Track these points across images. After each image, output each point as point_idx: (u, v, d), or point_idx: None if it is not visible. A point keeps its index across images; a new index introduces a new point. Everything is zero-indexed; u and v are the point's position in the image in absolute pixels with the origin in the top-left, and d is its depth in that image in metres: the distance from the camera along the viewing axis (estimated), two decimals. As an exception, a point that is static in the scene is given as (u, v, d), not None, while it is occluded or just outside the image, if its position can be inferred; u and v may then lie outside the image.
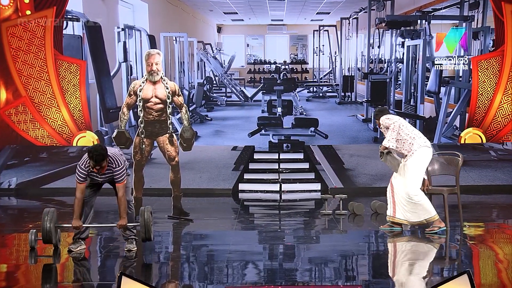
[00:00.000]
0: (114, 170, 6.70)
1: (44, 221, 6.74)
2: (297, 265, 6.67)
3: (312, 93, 19.73)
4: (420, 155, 7.58)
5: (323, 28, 20.08)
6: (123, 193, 6.76)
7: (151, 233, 6.89)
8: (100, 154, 6.49)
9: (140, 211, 6.88)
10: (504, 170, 11.52)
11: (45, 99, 11.25)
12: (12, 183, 11.27)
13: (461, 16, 13.19)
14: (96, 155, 6.47)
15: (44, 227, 6.74)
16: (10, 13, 11.04)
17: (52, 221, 6.76)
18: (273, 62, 21.15)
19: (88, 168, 6.69)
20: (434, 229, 7.68)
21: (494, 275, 6.25)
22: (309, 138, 13.30)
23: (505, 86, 11.47)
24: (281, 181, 11.35)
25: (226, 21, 21.37)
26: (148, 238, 6.88)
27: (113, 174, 6.72)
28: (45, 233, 6.74)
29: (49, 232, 6.74)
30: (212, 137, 14.22)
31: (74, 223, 6.76)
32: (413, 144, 7.58)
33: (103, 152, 6.53)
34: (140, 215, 6.85)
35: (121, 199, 6.76)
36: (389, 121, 7.71)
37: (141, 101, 8.55)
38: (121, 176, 6.73)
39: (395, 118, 7.82)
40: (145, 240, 6.91)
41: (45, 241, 6.81)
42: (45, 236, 6.76)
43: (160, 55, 8.57)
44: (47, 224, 6.73)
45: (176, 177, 9.01)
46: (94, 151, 6.49)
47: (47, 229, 6.73)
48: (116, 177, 6.73)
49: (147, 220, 6.81)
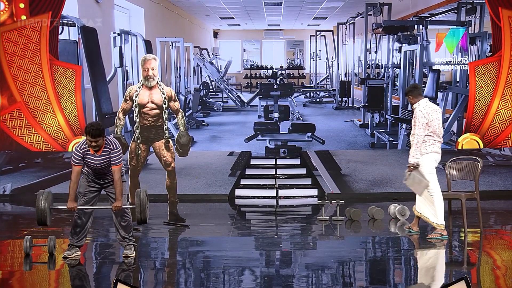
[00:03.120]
0: (112, 152, 6.74)
1: (39, 201, 6.66)
2: (294, 272, 6.64)
3: (309, 99, 19.72)
4: (428, 157, 7.70)
5: (320, 33, 20.08)
6: (119, 177, 6.79)
7: (147, 215, 6.88)
8: (96, 129, 6.58)
9: (136, 192, 6.90)
10: (502, 176, 11.51)
11: (40, 104, 11.20)
12: (7, 189, 11.23)
13: (458, 22, 13.18)
14: (93, 130, 6.56)
15: (38, 207, 6.65)
16: (5, 18, 10.99)
17: (47, 201, 6.69)
18: (269, 67, 21.15)
19: (84, 150, 6.71)
20: (436, 235, 7.75)
21: (492, 281, 6.23)
22: (306, 144, 13.27)
23: (503, 91, 11.45)
24: (278, 186, 11.31)
25: (222, 26, 21.38)
26: (143, 219, 6.86)
27: (110, 156, 6.74)
28: (39, 213, 6.66)
29: (43, 212, 6.65)
30: (208, 143, 14.18)
31: (69, 204, 6.74)
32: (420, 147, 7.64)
33: (100, 128, 6.64)
34: (136, 195, 6.86)
35: (117, 182, 6.77)
36: (419, 113, 7.63)
37: (137, 107, 8.52)
38: (118, 158, 6.78)
39: (425, 107, 7.69)
40: (141, 222, 6.88)
41: (40, 222, 6.72)
42: (39, 216, 6.67)
43: (156, 60, 8.54)
44: (42, 204, 6.65)
45: (172, 183, 8.97)
46: (90, 126, 6.61)
47: (41, 209, 6.64)
48: (113, 159, 6.75)
49: (142, 200, 6.80)
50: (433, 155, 7.73)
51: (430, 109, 7.69)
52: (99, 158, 6.76)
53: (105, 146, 6.73)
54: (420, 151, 7.64)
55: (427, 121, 7.63)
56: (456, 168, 8.11)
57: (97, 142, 6.61)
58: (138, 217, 6.84)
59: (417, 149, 7.61)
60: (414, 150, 7.63)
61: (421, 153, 7.65)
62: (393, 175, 8.88)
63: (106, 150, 6.74)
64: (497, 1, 11.29)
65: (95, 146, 6.64)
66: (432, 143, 7.71)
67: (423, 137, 7.65)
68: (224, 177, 11.58)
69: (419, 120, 7.62)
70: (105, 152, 6.74)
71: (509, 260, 7.25)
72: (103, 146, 6.72)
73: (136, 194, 6.88)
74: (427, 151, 7.68)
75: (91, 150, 6.70)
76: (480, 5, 13.00)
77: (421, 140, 7.63)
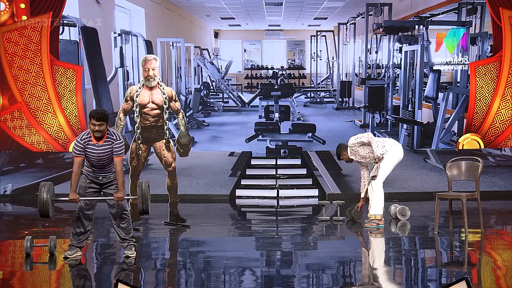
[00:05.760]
0: (115, 142, 6.76)
1: (41, 192, 6.65)
2: (295, 272, 6.63)
3: (310, 99, 19.72)
4: (393, 152, 8.42)
5: (320, 33, 20.07)
6: (121, 168, 6.79)
7: (149, 206, 6.93)
8: (101, 113, 6.65)
9: (138, 183, 6.94)
10: (502, 176, 11.50)
11: (41, 104, 11.20)
12: (7, 189, 11.23)
13: (459, 22, 13.18)
14: (98, 113, 6.62)
15: (41, 198, 6.65)
16: (6, 19, 10.99)
17: (49, 192, 6.69)
18: (270, 68, 21.14)
19: (85, 140, 6.71)
20: (373, 224, 8.49)
21: (493, 281, 6.22)
22: (307, 144, 13.26)
23: (503, 91, 11.45)
24: (279, 187, 11.31)
25: (223, 26, 21.39)
26: (145, 210, 6.90)
27: (113, 146, 6.74)
28: (41, 204, 6.65)
29: (46, 203, 6.65)
30: (209, 143, 14.18)
31: (70, 196, 6.72)
32: (384, 146, 8.42)
33: (105, 112, 6.72)
34: (138, 186, 6.89)
35: (119, 173, 6.78)
36: (362, 138, 8.53)
37: (138, 107, 8.52)
38: (120, 149, 6.78)
39: (362, 134, 8.69)
40: (143, 212, 6.92)
41: (42, 214, 6.72)
42: (42, 208, 6.67)
43: (157, 61, 8.54)
44: (44, 196, 6.64)
45: (173, 183, 8.97)
46: (95, 111, 6.72)
47: (44, 200, 6.64)
48: (116, 149, 6.76)
49: (144, 191, 6.84)
50: (396, 148, 8.55)
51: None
52: (101, 148, 6.73)
53: (107, 136, 6.73)
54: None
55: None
56: (456, 168, 8.11)
57: (101, 126, 6.61)
58: (140, 208, 6.88)
59: (379, 145, 8.52)
60: (376, 147, 8.49)
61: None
62: (393, 175, 8.88)
63: (108, 140, 6.74)
64: (498, 1, 11.29)
65: (97, 131, 6.63)
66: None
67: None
68: (224, 177, 11.58)
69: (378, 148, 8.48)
70: (107, 142, 6.73)
71: (509, 260, 7.24)
72: (105, 136, 6.71)
73: (138, 184, 6.92)
74: (390, 145, 8.55)
75: (93, 139, 6.69)
76: (481, 5, 13.00)
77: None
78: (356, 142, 8.57)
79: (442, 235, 8.01)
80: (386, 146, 8.41)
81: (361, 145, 8.56)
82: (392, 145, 8.47)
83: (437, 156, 12.21)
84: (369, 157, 8.62)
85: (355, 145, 8.60)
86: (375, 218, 8.53)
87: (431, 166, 12.01)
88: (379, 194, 8.54)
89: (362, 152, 8.61)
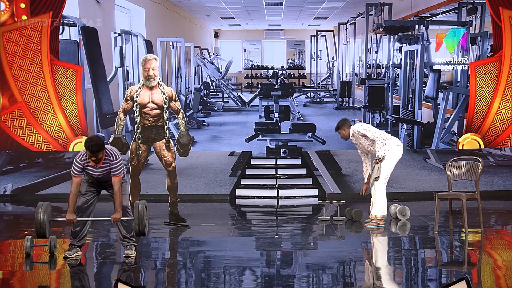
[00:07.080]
0: (112, 163, 6.68)
1: (38, 213, 6.64)
2: (295, 272, 6.63)
3: (310, 99, 19.70)
4: (393, 153, 8.39)
5: (320, 33, 20.05)
6: (119, 187, 6.73)
7: (145, 227, 6.80)
8: (96, 145, 6.49)
9: (135, 204, 6.83)
10: (503, 176, 11.50)
11: (41, 104, 11.20)
12: (7, 189, 11.23)
13: (459, 22, 13.18)
14: (92, 145, 6.47)
15: (37, 220, 6.63)
16: (6, 18, 10.99)
17: (46, 213, 6.67)
18: (270, 67, 21.12)
19: (84, 162, 6.68)
20: (373, 224, 8.50)
21: (493, 281, 6.22)
22: (307, 144, 13.26)
23: (503, 91, 11.45)
24: (279, 186, 11.31)
25: (223, 26, 21.36)
26: (142, 231, 6.78)
27: (110, 167, 6.68)
28: (38, 225, 6.63)
29: (42, 224, 6.63)
30: (209, 143, 14.18)
31: (68, 216, 6.70)
32: (385, 144, 8.36)
33: (100, 143, 6.53)
34: (134, 207, 6.79)
35: (117, 193, 6.72)
36: (367, 132, 8.46)
37: (138, 107, 8.52)
38: (118, 169, 6.71)
39: (367, 125, 8.68)
40: (139, 234, 6.81)
41: (39, 234, 6.71)
42: (38, 228, 6.65)
43: (157, 60, 8.54)
44: (41, 216, 6.62)
45: (173, 183, 8.97)
46: (90, 142, 6.50)
47: (40, 221, 6.62)
48: (113, 170, 6.70)
49: (141, 212, 6.73)
50: (396, 148, 8.48)
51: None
52: (99, 170, 6.74)
53: (105, 158, 6.68)
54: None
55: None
56: (456, 168, 8.11)
57: (97, 156, 6.56)
58: (136, 229, 6.77)
59: (380, 142, 8.42)
60: (377, 144, 8.45)
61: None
62: (393, 175, 8.86)
63: (106, 162, 6.69)
64: (498, 1, 11.29)
65: (95, 160, 6.61)
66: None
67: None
68: (224, 177, 11.57)
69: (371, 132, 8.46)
70: (105, 163, 6.70)
71: (509, 260, 7.24)
72: (103, 159, 6.68)
73: (134, 206, 6.80)
74: (391, 144, 8.47)
75: (91, 162, 6.67)
76: (481, 5, 13.00)
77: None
78: (360, 132, 8.52)
79: (442, 235, 8.01)
80: (387, 145, 8.37)
81: (364, 136, 8.54)
82: (393, 145, 8.44)
83: (437, 156, 12.20)
84: (367, 149, 8.64)
85: (358, 133, 8.57)
86: (375, 218, 8.52)
87: (431, 166, 12.00)
88: (382, 195, 8.52)
89: (363, 142, 8.61)
